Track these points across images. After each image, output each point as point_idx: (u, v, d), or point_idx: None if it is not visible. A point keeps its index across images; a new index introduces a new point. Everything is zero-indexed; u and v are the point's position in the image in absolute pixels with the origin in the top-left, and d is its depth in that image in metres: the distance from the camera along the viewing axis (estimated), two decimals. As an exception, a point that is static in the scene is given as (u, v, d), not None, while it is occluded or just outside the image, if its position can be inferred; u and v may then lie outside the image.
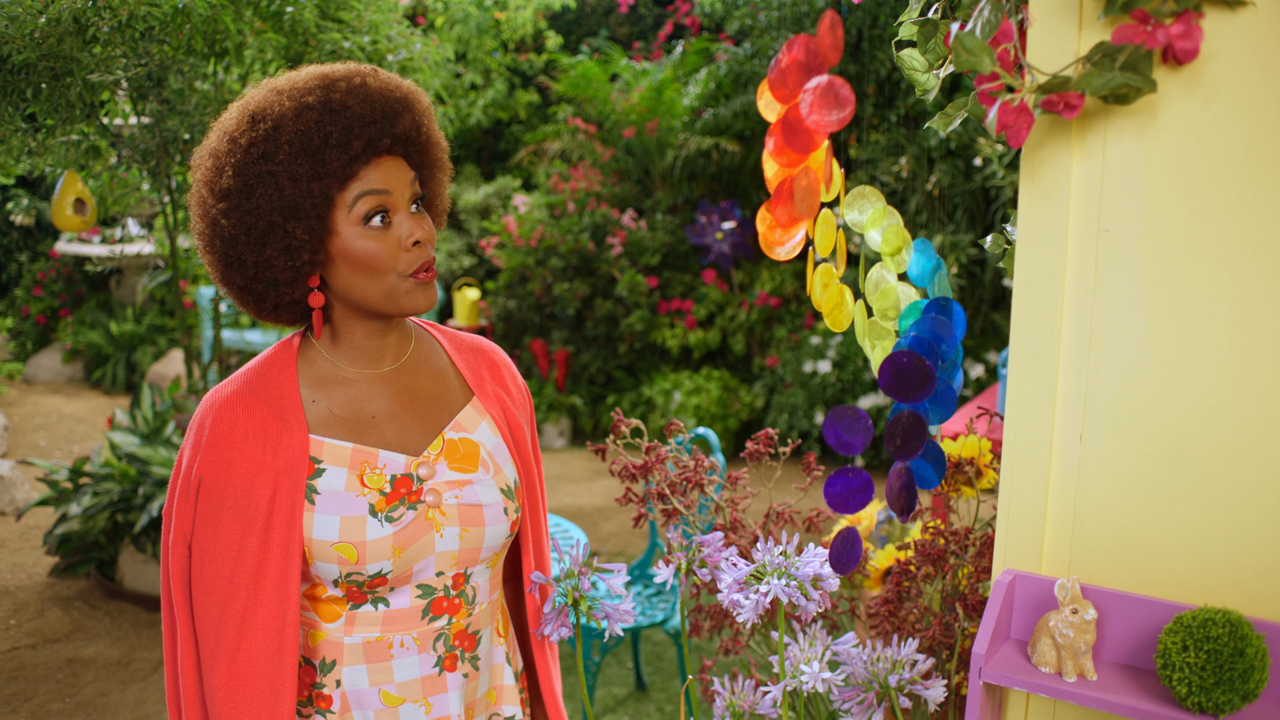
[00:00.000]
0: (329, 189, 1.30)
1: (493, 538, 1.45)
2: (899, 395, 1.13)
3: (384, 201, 1.33)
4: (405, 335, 1.49)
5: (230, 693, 1.33)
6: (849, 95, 1.10)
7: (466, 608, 1.46)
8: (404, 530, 1.38)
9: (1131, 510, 1.17)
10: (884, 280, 1.30)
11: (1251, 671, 1.04)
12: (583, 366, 7.12)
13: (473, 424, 1.49)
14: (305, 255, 1.33)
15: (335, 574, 1.36)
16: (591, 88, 7.34)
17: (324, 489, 1.37)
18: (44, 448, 6.38)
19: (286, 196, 1.29)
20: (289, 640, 1.34)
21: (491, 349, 1.59)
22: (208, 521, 1.35)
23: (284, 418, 1.38)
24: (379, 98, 1.32)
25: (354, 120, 1.29)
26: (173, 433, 4.46)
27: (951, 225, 6.09)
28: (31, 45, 3.08)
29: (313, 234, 1.31)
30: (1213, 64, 1.06)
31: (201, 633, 1.36)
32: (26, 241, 8.45)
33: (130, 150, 3.89)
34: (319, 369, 1.43)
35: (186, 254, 5.29)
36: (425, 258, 1.35)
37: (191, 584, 1.37)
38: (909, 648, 1.42)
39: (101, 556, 4.45)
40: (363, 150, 1.30)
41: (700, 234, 6.91)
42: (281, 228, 1.30)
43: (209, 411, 1.38)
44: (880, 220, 1.29)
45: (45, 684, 3.70)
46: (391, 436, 1.43)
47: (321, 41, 3.64)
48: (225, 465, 1.35)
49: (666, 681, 3.86)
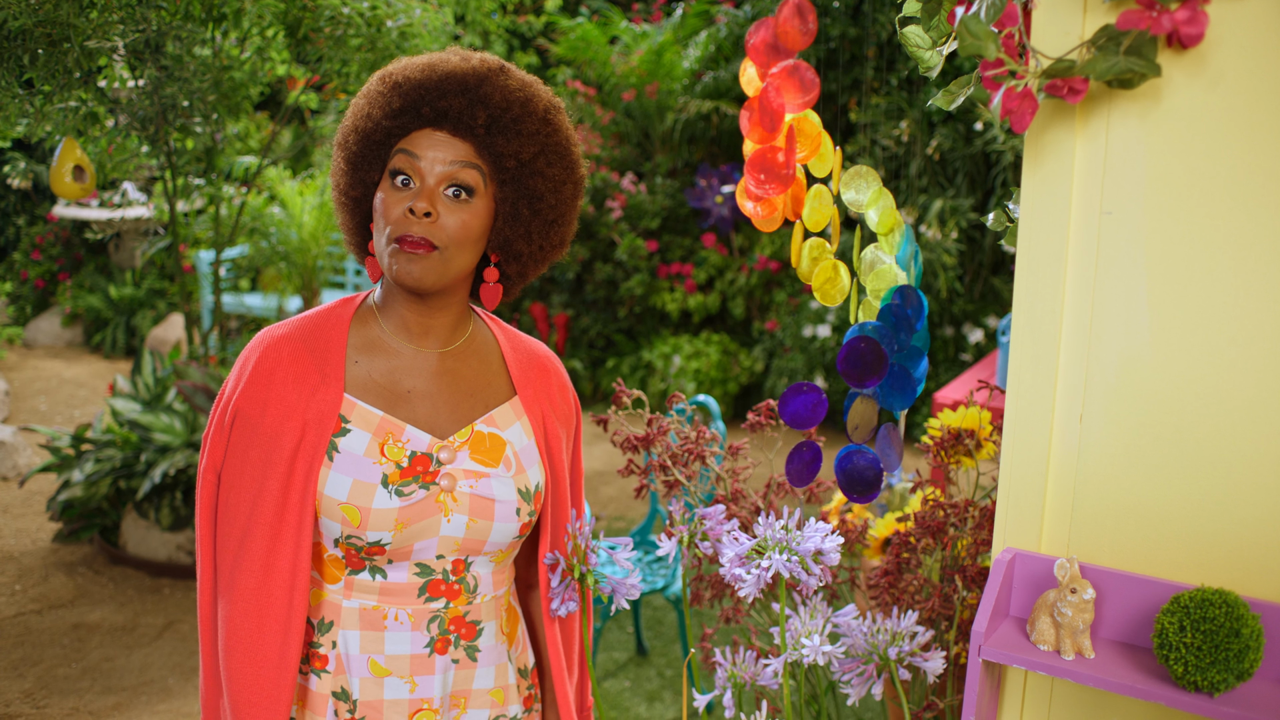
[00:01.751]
0: (372, 133, 1.39)
1: (499, 534, 1.45)
2: (852, 379, 1.14)
3: (409, 164, 1.37)
4: (459, 321, 1.49)
5: (243, 627, 1.38)
6: (813, 79, 1.10)
7: (466, 595, 1.46)
8: (411, 507, 1.39)
9: (1130, 490, 1.18)
10: (879, 261, 1.31)
11: (1247, 651, 1.06)
12: (582, 330, 7.12)
13: (506, 421, 1.50)
14: (344, 183, 1.43)
15: (337, 533, 1.39)
16: (591, 50, 7.29)
17: (345, 448, 1.39)
18: (45, 413, 6.39)
19: (344, 129, 1.43)
20: (300, 584, 1.38)
21: (548, 357, 1.60)
22: (237, 455, 1.40)
23: (324, 371, 1.41)
24: (445, 73, 1.38)
25: (406, 82, 1.37)
26: (174, 399, 4.47)
27: (952, 190, 6.07)
28: (28, 11, 3.06)
29: (353, 168, 1.41)
30: (1217, 49, 1.06)
31: (220, 561, 1.41)
32: (24, 205, 8.42)
33: (128, 116, 3.87)
34: (370, 332, 1.46)
35: (185, 219, 5.28)
36: (409, 228, 1.35)
37: (217, 514, 1.42)
38: (909, 620, 1.44)
39: (104, 522, 4.48)
40: (402, 110, 1.37)
41: (700, 198, 6.89)
42: (335, 154, 1.45)
43: (257, 347, 1.43)
44: (878, 200, 1.30)
45: (51, 649, 3.74)
46: (422, 415, 1.44)
47: (321, 7, 3.62)
48: (261, 404, 1.39)
49: (667, 646, 3.90)
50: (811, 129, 1.24)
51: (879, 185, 1.32)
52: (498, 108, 1.38)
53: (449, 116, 1.37)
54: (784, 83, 1.10)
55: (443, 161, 1.37)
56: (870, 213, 1.33)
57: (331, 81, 4.14)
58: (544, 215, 1.44)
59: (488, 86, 1.38)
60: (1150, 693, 1.09)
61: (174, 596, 4.15)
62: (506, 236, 1.44)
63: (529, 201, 1.42)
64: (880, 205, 1.31)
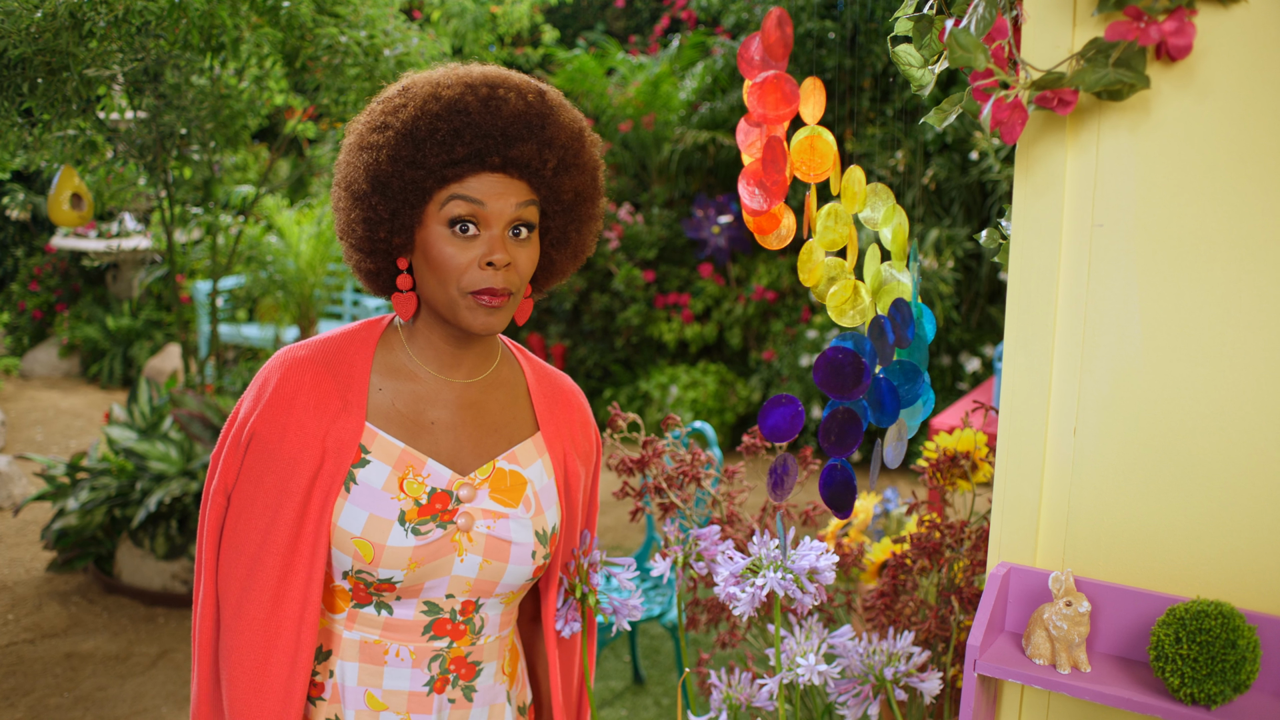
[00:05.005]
0: (422, 180, 1.30)
1: (513, 576, 1.42)
2: (832, 390, 1.13)
3: (474, 211, 1.30)
4: (488, 353, 1.46)
5: (249, 657, 1.34)
6: (793, 91, 1.11)
7: (471, 636, 1.43)
8: (426, 546, 1.36)
9: (1125, 503, 1.18)
10: (892, 278, 1.30)
11: (1243, 663, 1.05)
12: (579, 360, 7.12)
13: (528, 459, 1.46)
14: (383, 232, 1.33)
15: (347, 566, 1.36)
16: (588, 81, 7.34)
17: (363, 480, 1.36)
18: (41, 443, 6.38)
19: (382, 171, 1.30)
20: (310, 617, 1.34)
21: (573, 392, 1.56)
22: (251, 479, 1.35)
23: (346, 398, 1.37)
24: (510, 116, 1.30)
25: (468, 127, 1.29)
26: (170, 428, 4.47)
27: (948, 219, 6.09)
28: (28, 40, 3.08)
29: (395, 215, 1.32)
30: (1206, 60, 1.06)
31: (224, 588, 1.36)
32: (23, 236, 8.44)
33: (127, 145, 3.89)
34: (395, 358, 1.42)
35: (183, 249, 5.30)
36: (493, 282, 1.31)
37: (223, 537, 1.37)
38: (905, 640, 1.43)
39: (99, 551, 4.46)
40: (466, 157, 1.29)
41: (697, 228, 6.91)
42: (369, 197, 1.32)
43: (277, 369, 1.38)
44: (891, 218, 1.30)
45: (43, 678, 3.71)
46: (444, 448, 1.40)
47: (318, 36, 3.64)
48: (280, 428, 1.35)
49: (664, 675, 3.88)
50: (825, 147, 1.24)
51: (893, 202, 1.32)
52: (562, 148, 1.34)
53: (517, 164, 1.32)
54: (761, 94, 1.11)
55: (509, 206, 1.32)
56: (884, 231, 1.33)
57: (329, 112, 4.16)
58: (585, 234, 1.44)
59: (551, 127, 1.33)
60: (1147, 705, 1.08)
61: (168, 626, 4.12)
62: (552, 258, 1.43)
63: (577, 225, 1.42)
64: (894, 223, 1.31)
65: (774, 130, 1.14)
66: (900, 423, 1.24)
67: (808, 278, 1.25)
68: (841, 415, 1.13)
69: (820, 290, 1.27)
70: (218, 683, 1.39)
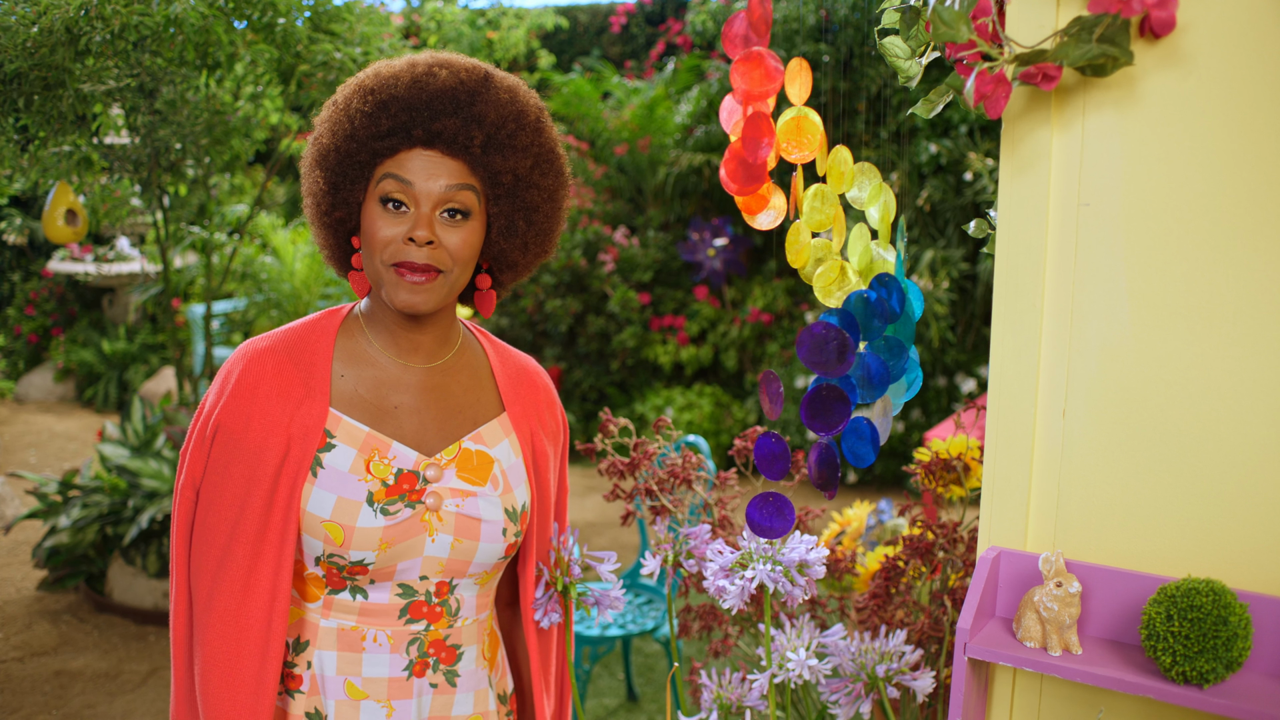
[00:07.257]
0: (356, 153, 1.33)
1: (484, 554, 1.42)
2: (817, 367, 1.12)
3: (403, 189, 1.32)
4: (445, 337, 1.46)
5: (220, 649, 1.33)
6: (776, 66, 1.11)
7: (448, 618, 1.43)
8: (395, 526, 1.36)
9: (1115, 485, 1.17)
10: (879, 257, 1.30)
11: (1235, 639, 1.04)
12: (575, 383, 7.11)
13: (494, 439, 1.47)
14: (326, 205, 1.37)
15: (319, 551, 1.35)
16: (584, 106, 7.37)
17: (329, 464, 1.36)
18: (34, 465, 6.35)
19: (323, 144, 1.36)
20: (280, 606, 1.34)
21: (537, 372, 1.57)
22: (218, 470, 1.36)
23: (309, 385, 1.38)
24: (436, 90, 1.32)
25: (394, 100, 1.31)
26: (163, 445, 4.45)
27: (943, 240, 6.11)
28: (24, 55, 3.08)
29: (336, 189, 1.35)
30: (1190, 35, 1.06)
31: (196, 582, 1.36)
32: (19, 260, 8.45)
33: (122, 161, 3.89)
34: (355, 345, 1.43)
35: (179, 269, 5.30)
36: (413, 257, 1.32)
37: (194, 532, 1.37)
38: (897, 639, 1.41)
39: (90, 570, 4.43)
40: (390, 130, 1.32)
41: (692, 251, 6.92)
42: (313, 171, 1.37)
43: (239, 361, 1.39)
44: (878, 197, 1.29)
45: (32, 696, 3.68)
46: (409, 431, 1.41)
47: (313, 53, 3.65)
48: (244, 418, 1.35)
49: (657, 693, 3.85)
50: (811, 127, 1.24)
51: (879, 181, 1.31)
52: (492, 125, 1.34)
53: (442, 138, 1.32)
54: (748, 67, 1.10)
55: (438, 185, 1.33)
56: (871, 210, 1.32)
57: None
58: (538, 225, 1.42)
59: (480, 103, 1.33)
60: (1140, 686, 1.06)
61: (159, 644, 4.09)
62: (502, 248, 1.42)
63: (524, 214, 1.40)
64: (881, 202, 1.30)
65: (758, 107, 1.14)
66: (885, 399, 1.23)
67: (794, 259, 1.25)
68: (826, 392, 1.12)
69: (807, 272, 1.27)
70: (194, 678, 1.38)
